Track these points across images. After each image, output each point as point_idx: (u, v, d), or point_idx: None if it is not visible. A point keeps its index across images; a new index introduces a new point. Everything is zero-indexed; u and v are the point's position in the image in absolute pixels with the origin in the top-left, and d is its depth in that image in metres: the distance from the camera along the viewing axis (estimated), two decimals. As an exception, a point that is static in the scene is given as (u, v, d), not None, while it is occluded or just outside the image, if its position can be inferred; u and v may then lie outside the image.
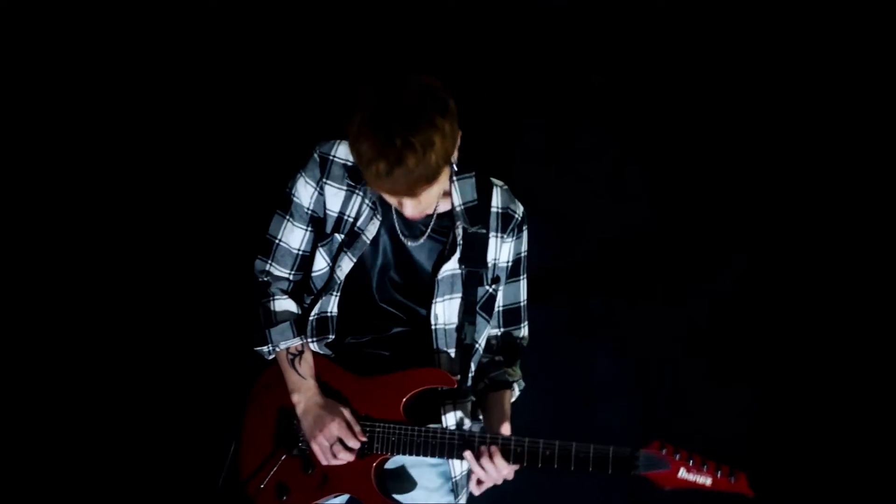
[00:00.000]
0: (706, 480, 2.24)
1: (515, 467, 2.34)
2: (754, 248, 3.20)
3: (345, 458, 2.42)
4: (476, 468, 2.33)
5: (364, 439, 2.42)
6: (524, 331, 2.62)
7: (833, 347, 3.14)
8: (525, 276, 2.58)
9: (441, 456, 2.40)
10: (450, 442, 2.38)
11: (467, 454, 2.33)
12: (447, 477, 2.54)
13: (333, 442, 2.41)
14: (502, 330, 2.59)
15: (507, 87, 3.26)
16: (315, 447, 2.44)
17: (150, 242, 3.31)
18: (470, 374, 2.50)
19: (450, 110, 2.18)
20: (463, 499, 2.55)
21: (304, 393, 2.48)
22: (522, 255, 2.56)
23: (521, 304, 2.59)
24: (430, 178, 2.17)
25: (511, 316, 2.59)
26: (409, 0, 3.19)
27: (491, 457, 2.31)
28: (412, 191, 2.19)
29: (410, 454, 2.42)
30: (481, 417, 2.53)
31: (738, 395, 3.23)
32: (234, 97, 3.22)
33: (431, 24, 3.20)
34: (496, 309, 2.56)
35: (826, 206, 3.14)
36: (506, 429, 2.36)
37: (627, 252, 3.27)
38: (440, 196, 2.35)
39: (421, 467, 2.55)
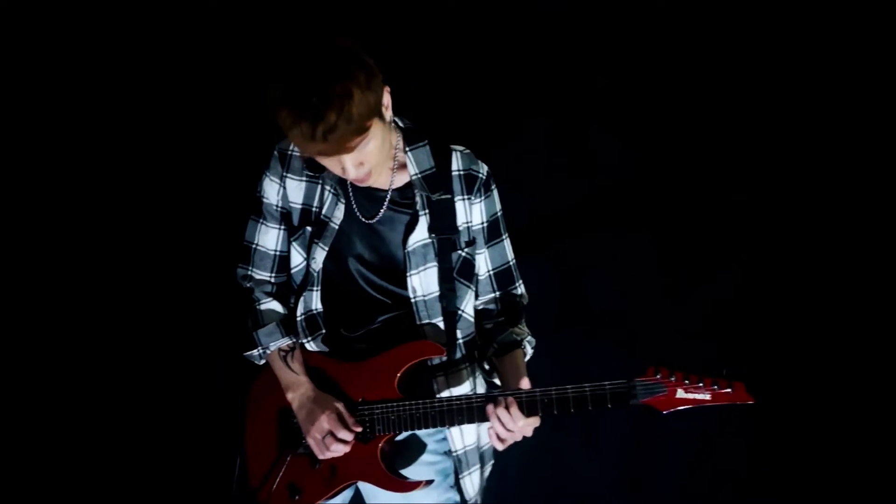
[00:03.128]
0: (705, 396, 2.23)
1: (533, 422, 2.31)
2: (754, 248, 3.21)
3: (339, 449, 2.41)
4: (494, 422, 2.30)
5: (358, 429, 2.41)
6: (521, 289, 2.59)
7: (833, 347, 3.15)
8: (507, 235, 2.55)
9: (443, 425, 2.39)
10: (448, 409, 2.38)
11: (489, 408, 2.29)
12: (448, 453, 2.52)
13: (325, 434, 2.41)
14: (499, 293, 2.55)
15: (510, 87, 3.27)
16: (310, 442, 2.44)
17: (147, 248, 3.31)
18: (458, 343, 2.49)
19: (364, 63, 2.19)
20: (468, 474, 2.53)
21: (297, 390, 2.49)
22: (498, 213, 2.53)
23: (511, 262, 2.56)
24: (357, 131, 2.17)
25: (504, 277, 2.56)
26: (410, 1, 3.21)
27: (507, 408, 2.28)
28: (341, 146, 2.18)
29: (413, 429, 2.41)
30: (498, 382, 2.50)
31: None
32: (232, 100, 3.21)
33: (431, 25, 3.21)
34: (487, 274, 2.54)
35: (826, 207, 3.15)
36: (525, 384, 2.32)
37: (628, 251, 3.27)
38: (385, 158, 2.35)
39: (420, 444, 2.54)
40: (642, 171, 3.26)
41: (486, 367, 2.51)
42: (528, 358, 2.51)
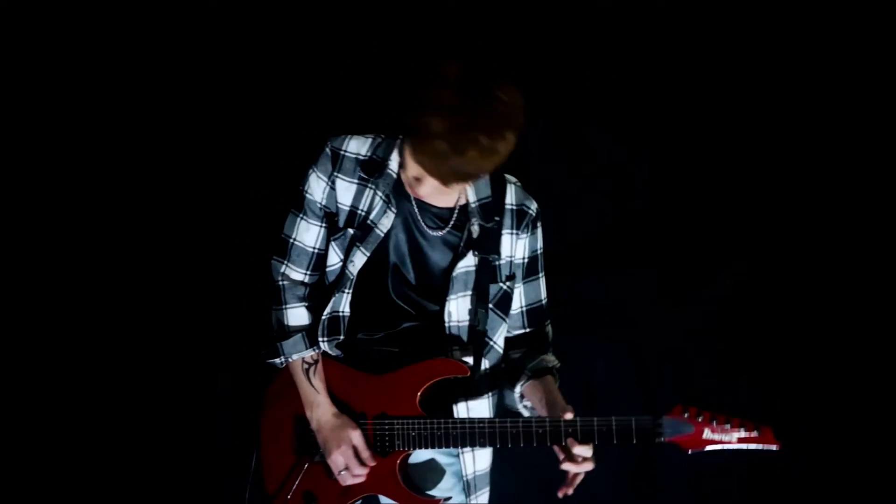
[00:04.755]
0: (731, 438, 2.23)
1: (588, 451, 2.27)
2: (755, 248, 3.19)
3: (355, 481, 2.42)
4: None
5: (373, 464, 2.41)
6: (549, 327, 2.59)
7: (834, 347, 3.15)
8: (543, 274, 2.55)
9: (464, 446, 2.38)
10: (470, 431, 2.36)
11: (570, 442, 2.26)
12: (458, 476, 2.52)
13: (342, 469, 2.41)
14: (528, 330, 2.55)
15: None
16: (330, 466, 2.45)
17: (161, 247, 3.27)
18: (483, 370, 2.47)
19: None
20: (475, 499, 2.53)
21: (317, 409, 2.46)
22: (539, 251, 2.53)
23: (543, 302, 2.56)
24: (486, 173, 2.24)
25: (535, 315, 2.55)
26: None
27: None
28: (472, 176, 2.22)
29: (432, 447, 2.40)
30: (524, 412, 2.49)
31: (738, 394, 3.22)
32: (242, 97, 3.18)
33: (433, 23, 3.15)
34: (519, 309, 2.53)
35: (827, 207, 3.13)
36: (569, 415, 2.29)
37: (629, 252, 3.25)
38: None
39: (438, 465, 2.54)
40: (643, 172, 3.24)
41: (517, 393, 2.49)
42: (556, 385, 2.50)
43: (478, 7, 3.15)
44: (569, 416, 2.27)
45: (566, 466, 2.27)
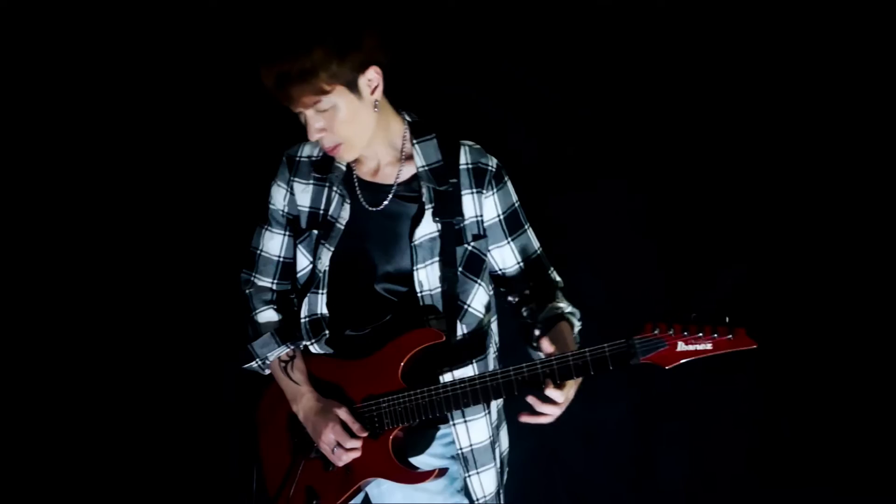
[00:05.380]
0: (707, 346, 2.16)
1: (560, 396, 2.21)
2: (755, 249, 3.17)
3: (350, 456, 2.40)
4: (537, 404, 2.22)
5: (364, 434, 2.39)
6: (555, 274, 2.54)
7: (835, 347, 3.10)
8: (529, 225, 2.53)
9: (450, 410, 2.36)
10: (453, 394, 2.34)
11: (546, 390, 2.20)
12: (447, 448, 2.49)
13: (333, 446, 2.40)
14: (532, 283, 2.51)
15: (510, 86, 3.28)
16: (323, 451, 2.44)
17: (154, 253, 3.33)
18: (461, 335, 2.45)
19: (349, 35, 2.27)
20: (475, 474, 2.49)
21: (300, 401, 2.48)
22: (515, 205, 2.50)
23: (538, 250, 2.53)
24: (311, 89, 2.24)
25: (535, 266, 2.52)
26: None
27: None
28: (292, 97, 2.26)
29: (421, 418, 2.37)
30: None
31: (739, 394, 3.20)
32: (236, 104, 3.22)
33: (428, 25, 3.23)
34: (516, 265, 2.50)
35: (828, 207, 3.12)
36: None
37: (629, 251, 3.25)
38: (361, 136, 2.37)
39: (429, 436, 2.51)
40: (642, 172, 3.23)
41: (538, 352, 2.39)
42: (577, 329, 2.44)
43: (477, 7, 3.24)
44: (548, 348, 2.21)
45: (532, 401, 2.21)
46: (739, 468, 3.21)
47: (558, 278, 2.55)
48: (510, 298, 2.56)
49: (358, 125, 2.36)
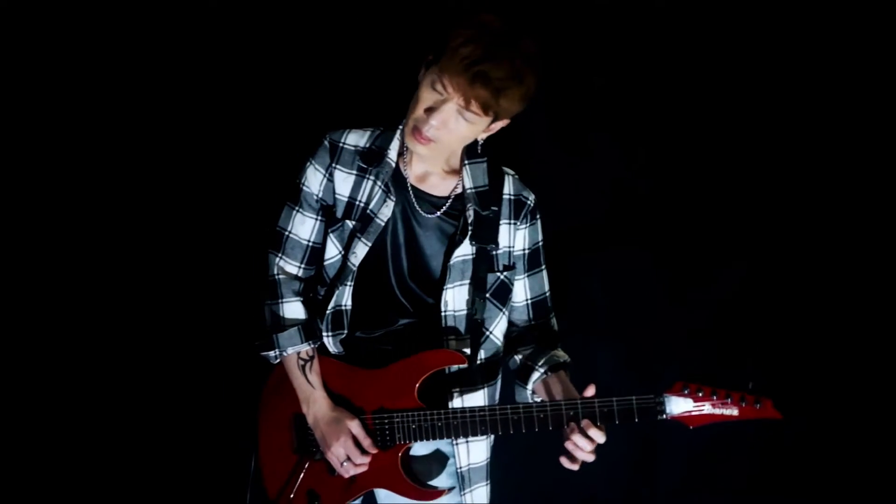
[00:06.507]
0: (733, 411, 2.23)
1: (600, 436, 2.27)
2: (755, 248, 3.18)
3: (358, 471, 2.41)
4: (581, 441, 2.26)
5: (374, 451, 2.39)
6: (554, 320, 2.59)
7: (835, 347, 3.14)
8: (545, 266, 2.56)
9: (465, 435, 2.37)
10: (472, 420, 2.35)
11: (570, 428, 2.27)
12: (453, 467, 2.51)
13: (343, 460, 2.40)
14: (534, 323, 2.55)
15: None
16: (330, 462, 2.43)
17: (154, 242, 3.23)
18: (480, 360, 2.46)
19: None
20: (469, 493, 2.51)
21: (313, 405, 2.45)
22: (540, 243, 2.54)
23: (547, 294, 2.57)
24: (494, 99, 2.20)
25: (540, 308, 2.55)
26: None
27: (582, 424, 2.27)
28: (474, 92, 2.19)
29: (433, 439, 2.38)
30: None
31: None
32: (239, 93, 3.15)
33: (432, 20, 3.06)
34: (524, 302, 2.53)
35: (828, 207, 3.12)
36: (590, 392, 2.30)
37: (629, 252, 3.24)
38: (453, 146, 2.35)
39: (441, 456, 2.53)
40: (642, 172, 3.22)
41: (529, 390, 2.48)
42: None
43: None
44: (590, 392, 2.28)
45: (571, 447, 2.26)
46: (741, 470, 3.28)
47: (556, 324, 2.59)
48: (513, 332, 2.57)
49: (460, 143, 2.37)
